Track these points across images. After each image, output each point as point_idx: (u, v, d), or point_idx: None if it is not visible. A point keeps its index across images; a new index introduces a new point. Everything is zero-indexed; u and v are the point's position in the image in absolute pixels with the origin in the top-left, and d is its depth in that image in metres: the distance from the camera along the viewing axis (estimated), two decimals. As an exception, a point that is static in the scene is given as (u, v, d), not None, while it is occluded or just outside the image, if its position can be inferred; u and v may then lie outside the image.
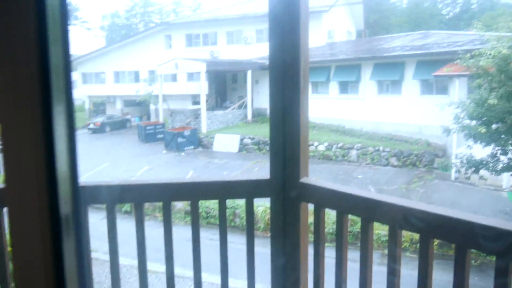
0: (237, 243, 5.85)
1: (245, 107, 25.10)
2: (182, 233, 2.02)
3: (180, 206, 12.21)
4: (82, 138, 26.36)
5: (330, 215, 2.32)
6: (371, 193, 1.70)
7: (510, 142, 9.71)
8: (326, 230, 1.93)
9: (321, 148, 18.23)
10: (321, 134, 19.46)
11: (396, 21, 45.51)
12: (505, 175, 11.85)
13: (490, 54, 9.60)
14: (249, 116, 24.52)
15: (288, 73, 1.86)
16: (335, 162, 17.57)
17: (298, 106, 1.87)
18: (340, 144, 17.98)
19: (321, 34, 26.56)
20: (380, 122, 19.35)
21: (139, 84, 28.88)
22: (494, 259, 1.31)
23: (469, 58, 10.55)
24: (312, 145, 18.38)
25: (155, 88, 26.86)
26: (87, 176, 16.00)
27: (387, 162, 16.81)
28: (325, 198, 1.80)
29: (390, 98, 19.48)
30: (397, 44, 21.59)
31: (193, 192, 1.96)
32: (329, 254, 1.87)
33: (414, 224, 1.51)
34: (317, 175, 15.48)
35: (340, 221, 1.76)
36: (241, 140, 20.26)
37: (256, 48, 26.70)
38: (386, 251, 3.18)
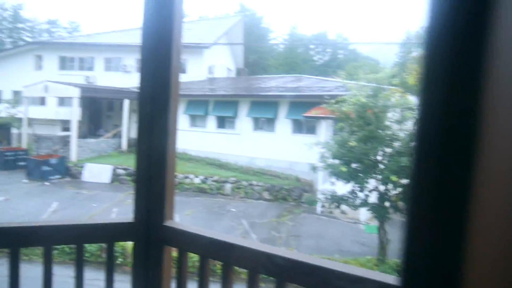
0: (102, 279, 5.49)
1: (120, 136, 24.17)
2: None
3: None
4: None
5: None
6: (231, 237, 1.74)
7: (366, 180, 10.77)
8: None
9: (197, 181, 18.23)
10: (197, 167, 19.50)
11: (273, 62, 48.39)
12: (362, 210, 13.04)
13: (351, 101, 10.69)
14: (124, 146, 23.62)
15: (157, 110, 1.84)
16: (210, 195, 17.67)
17: (166, 147, 1.85)
18: (215, 178, 18.18)
19: (202, 69, 27.04)
20: (254, 157, 20.09)
21: (0, 106, 26.18)
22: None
23: (334, 103, 11.59)
24: (188, 178, 18.30)
25: (19, 111, 24.56)
26: None
27: (259, 196, 17.40)
28: (188, 242, 1.80)
29: (264, 135, 20.39)
30: (273, 84, 22.87)
31: (46, 237, 1.81)
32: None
33: (271, 269, 1.58)
34: (192, 208, 15.38)
35: (203, 265, 1.77)
36: (114, 170, 19.35)
37: (136, 77, 26.12)
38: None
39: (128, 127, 23.84)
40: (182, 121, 21.80)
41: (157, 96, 1.84)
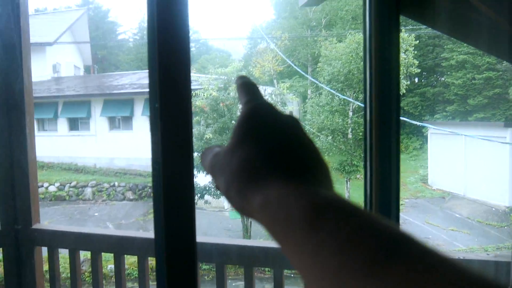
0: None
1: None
2: None
3: None
4: None
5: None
6: (98, 229, 2.02)
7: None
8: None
9: (53, 188, 17.13)
10: (51, 174, 18.28)
11: (124, 58, 46.76)
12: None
13: (204, 95, 11.22)
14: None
15: (12, 114, 1.95)
16: (69, 202, 16.78)
17: (26, 153, 2.01)
18: (73, 183, 17.30)
19: (46, 68, 25.11)
20: (113, 158, 19.55)
21: None
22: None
23: (188, 98, 11.98)
24: (42, 186, 17.09)
25: None
26: None
27: (123, 197, 17.09)
28: (58, 240, 2.02)
29: (122, 134, 19.94)
30: (126, 81, 22.34)
31: None
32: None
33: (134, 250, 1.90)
34: (49, 219, 14.48)
35: (73, 258, 2.01)
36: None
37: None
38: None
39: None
40: (28, 126, 20.07)
41: (11, 100, 1.93)
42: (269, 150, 0.35)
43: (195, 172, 8.88)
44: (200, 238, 1.79)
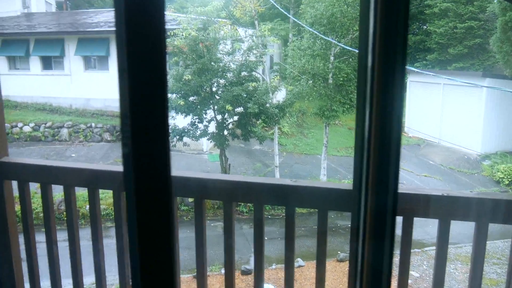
0: None
1: None
2: None
3: None
4: None
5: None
6: (71, 163, 1.94)
7: (203, 111, 11.32)
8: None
9: (27, 129, 16.78)
10: (25, 114, 17.82)
11: (98, -6, 44.63)
12: (204, 140, 13.75)
13: (182, 35, 10.84)
14: None
15: None
16: (45, 143, 16.52)
17: None
18: (48, 124, 16.95)
19: (15, 2, 23.82)
20: (89, 98, 19.10)
21: None
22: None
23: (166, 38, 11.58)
24: (16, 126, 16.71)
25: None
26: None
27: (100, 138, 16.89)
28: (28, 173, 1.94)
29: (98, 74, 19.37)
30: (101, 19, 21.42)
31: None
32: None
33: (107, 184, 1.83)
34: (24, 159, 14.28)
35: (45, 192, 1.94)
36: None
37: None
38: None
39: None
40: (-1, 64, 19.32)
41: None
42: None
43: (173, 113, 8.70)
44: (176, 172, 1.74)
